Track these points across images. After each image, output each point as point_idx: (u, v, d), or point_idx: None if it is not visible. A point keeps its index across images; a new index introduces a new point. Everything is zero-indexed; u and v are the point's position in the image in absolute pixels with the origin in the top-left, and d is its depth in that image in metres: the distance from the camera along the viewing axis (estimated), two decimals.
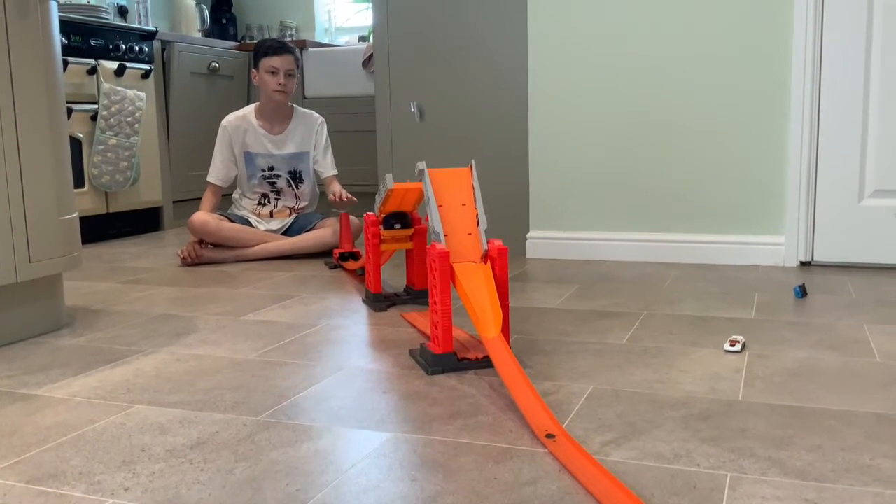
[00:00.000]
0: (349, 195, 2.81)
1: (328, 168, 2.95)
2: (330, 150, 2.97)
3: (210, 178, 2.89)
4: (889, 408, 1.21)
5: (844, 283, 2.13)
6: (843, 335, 1.62)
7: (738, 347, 1.52)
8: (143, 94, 3.40)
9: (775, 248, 2.41)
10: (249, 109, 2.92)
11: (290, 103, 2.93)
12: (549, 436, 1.10)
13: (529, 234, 2.68)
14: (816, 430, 1.12)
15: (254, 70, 2.90)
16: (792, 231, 2.38)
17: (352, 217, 2.72)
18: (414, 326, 1.78)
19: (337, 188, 2.88)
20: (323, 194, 3.02)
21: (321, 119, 2.97)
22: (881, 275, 2.23)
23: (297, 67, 2.91)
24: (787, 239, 2.39)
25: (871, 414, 1.18)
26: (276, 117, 2.89)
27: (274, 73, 2.83)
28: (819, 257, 2.39)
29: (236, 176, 2.92)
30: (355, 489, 0.97)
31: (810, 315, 1.79)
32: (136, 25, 3.70)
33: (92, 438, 1.16)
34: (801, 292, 1.97)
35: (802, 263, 2.41)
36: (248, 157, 2.87)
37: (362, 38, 4.59)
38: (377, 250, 1.99)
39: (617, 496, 0.92)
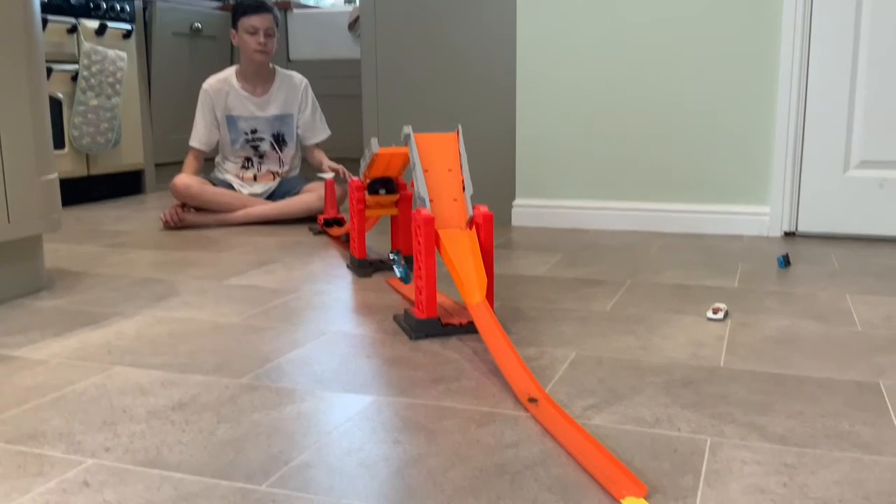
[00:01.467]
0: (347, 172, 2.80)
1: (319, 132, 2.93)
2: (319, 110, 2.93)
3: (192, 143, 2.85)
4: (869, 376, 1.22)
5: (828, 254, 2.14)
6: (826, 304, 1.63)
7: (720, 315, 1.53)
8: (124, 55, 3.34)
9: (760, 218, 2.42)
10: (230, 72, 2.87)
11: (271, 64, 2.88)
12: (532, 400, 1.10)
13: (515, 202, 2.67)
14: (797, 397, 1.13)
15: (233, 30, 2.85)
16: (777, 201, 2.39)
17: (337, 182, 2.70)
18: (398, 292, 1.77)
19: (328, 161, 2.87)
20: (305, 160, 3.00)
21: (305, 81, 2.93)
22: (865, 246, 2.24)
23: (277, 27, 2.86)
24: (772, 209, 2.40)
25: (851, 382, 1.20)
26: (258, 79, 2.85)
27: (253, 32, 2.78)
28: (803, 228, 2.40)
29: (219, 140, 2.88)
30: (338, 451, 0.97)
31: (793, 284, 1.80)
32: None
33: (72, 399, 1.15)
34: (785, 262, 1.98)
35: (786, 234, 2.42)
36: (231, 120, 2.84)
37: (348, 0, 4.52)
38: (362, 216, 1.98)
39: (597, 459, 0.92)
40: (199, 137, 2.85)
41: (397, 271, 1.62)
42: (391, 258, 1.61)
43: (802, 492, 0.86)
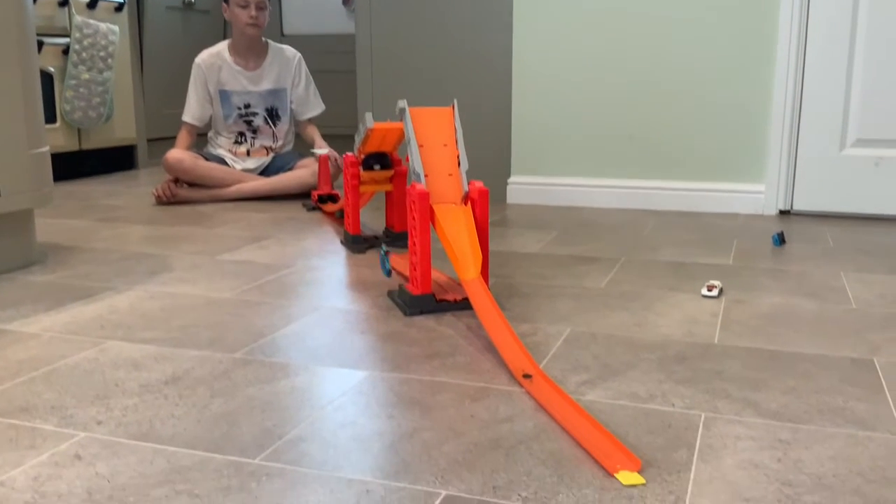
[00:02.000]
0: (338, 157, 2.77)
1: (313, 106, 2.90)
2: (313, 85, 2.91)
3: (185, 118, 2.83)
4: (864, 353, 1.22)
5: (823, 232, 2.14)
6: (820, 282, 1.63)
7: (715, 292, 1.52)
8: (115, 28, 3.31)
9: (755, 197, 2.41)
10: (223, 46, 2.84)
11: (264, 38, 2.85)
12: (526, 376, 1.10)
13: (510, 180, 2.66)
14: (791, 374, 1.13)
15: (224, 4, 2.82)
16: (773, 179, 2.38)
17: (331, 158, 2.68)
18: (393, 268, 1.77)
19: (321, 142, 2.84)
20: (298, 135, 2.97)
21: (298, 55, 2.90)
22: (860, 224, 2.24)
23: (269, 0, 2.83)
24: (768, 187, 2.39)
25: (845, 358, 1.20)
26: (251, 53, 2.82)
27: (245, 6, 2.75)
28: (798, 206, 2.39)
29: (212, 115, 2.86)
30: (332, 425, 0.97)
31: (788, 262, 1.80)
32: None
33: (64, 373, 1.14)
34: (780, 240, 1.97)
35: (782, 212, 2.42)
36: (224, 95, 2.81)
37: None
38: (356, 191, 1.97)
39: (592, 433, 0.92)
40: (192, 113, 2.82)
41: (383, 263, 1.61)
42: (382, 251, 1.61)
43: (797, 467, 0.86)
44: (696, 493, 0.81)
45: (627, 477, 0.83)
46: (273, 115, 2.86)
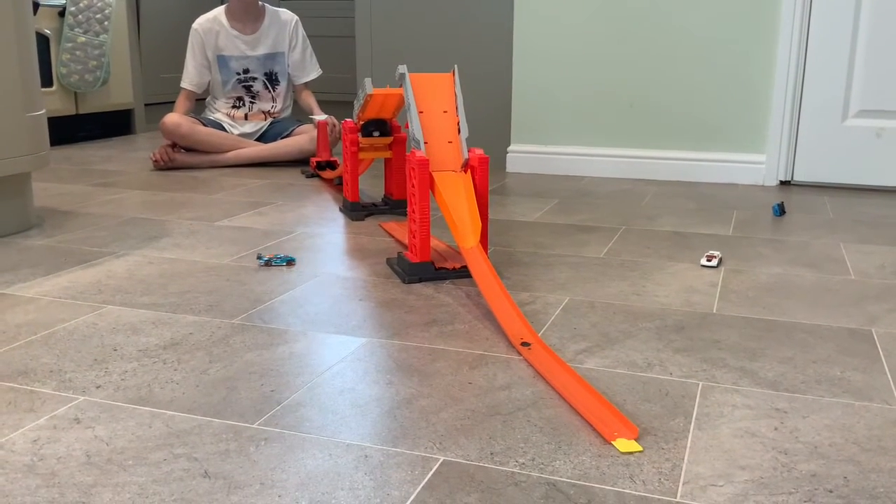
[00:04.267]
0: (337, 123, 2.74)
1: (309, 70, 2.87)
2: (309, 48, 2.87)
3: (183, 84, 2.80)
4: (861, 323, 1.22)
5: (823, 203, 2.13)
6: (819, 253, 1.63)
7: (714, 262, 1.52)
8: None
9: (756, 167, 2.40)
10: (219, 11, 2.80)
11: (260, 2, 2.81)
12: (525, 344, 1.10)
13: (510, 148, 2.65)
14: (789, 343, 1.14)
15: None
16: (773, 150, 2.37)
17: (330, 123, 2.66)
18: (392, 236, 1.76)
19: (319, 110, 2.80)
20: (296, 102, 2.95)
21: (295, 18, 2.86)
22: (860, 195, 2.23)
23: None
24: (769, 158, 2.38)
25: (843, 329, 1.20)
26: (248, 17, 2.78)
27: None
28: (799, 177, 2.38)
29: (209, 82, 2.83)
30: (330, 391, 0.97)
31: (787, 233, 1.80)
32: None
33: (63, 337, 1.14)
34: (780, 210, 1.97)
35: (782, 182, 2.41)
36: (222, 60, 2.78)
37: None
38: (355, 158, 1.96)
39: (589, 401, 0.93)
40: (190, 79, 2.79)
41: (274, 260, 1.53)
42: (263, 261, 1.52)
43: (793, 435, 0.86)
44: (693, 461, 0.81)
45: (624, 444, 0.84)
46: (272, 80, 2.83)
